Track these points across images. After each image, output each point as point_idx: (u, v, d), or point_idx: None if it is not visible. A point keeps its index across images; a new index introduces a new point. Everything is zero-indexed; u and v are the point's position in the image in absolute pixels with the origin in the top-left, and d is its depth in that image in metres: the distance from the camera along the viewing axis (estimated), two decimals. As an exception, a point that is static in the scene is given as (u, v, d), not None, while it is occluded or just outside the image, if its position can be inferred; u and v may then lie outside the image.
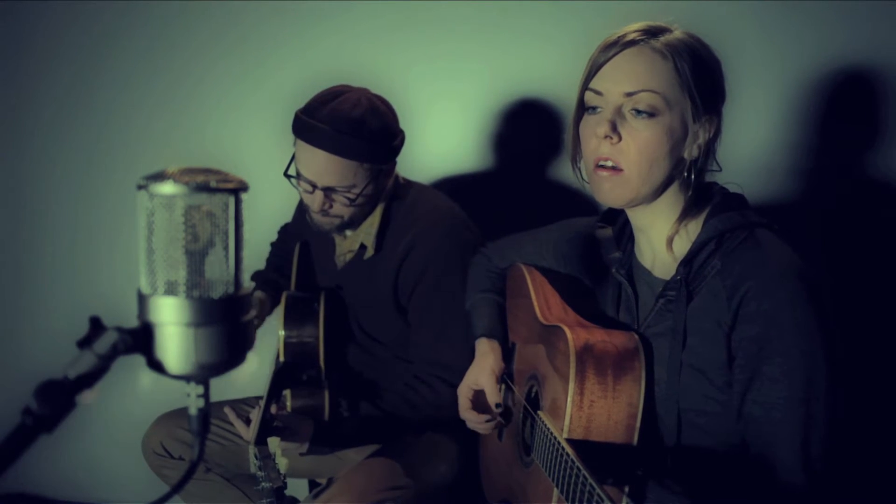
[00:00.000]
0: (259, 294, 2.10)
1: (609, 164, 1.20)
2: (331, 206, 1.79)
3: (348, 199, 1.76)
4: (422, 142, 2.14)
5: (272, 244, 2.26)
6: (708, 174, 1.26)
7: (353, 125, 1.70)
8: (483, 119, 2.26)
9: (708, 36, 1.24)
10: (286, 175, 1.81)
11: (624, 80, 1.19)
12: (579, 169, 1.29)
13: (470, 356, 1.62)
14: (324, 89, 1.78)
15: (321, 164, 1.73)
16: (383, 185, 1.83)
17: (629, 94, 1.18)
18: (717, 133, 1.23)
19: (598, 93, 1.22)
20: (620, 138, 1.19)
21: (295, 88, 1.82)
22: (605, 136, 1.19)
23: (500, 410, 1.52)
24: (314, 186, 1.77)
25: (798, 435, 1.12)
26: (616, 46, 1.20)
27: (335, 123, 1.70)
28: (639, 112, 1.18)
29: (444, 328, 1.79)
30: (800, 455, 1.12)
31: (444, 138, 2.28)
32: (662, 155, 1.19)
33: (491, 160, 2.29)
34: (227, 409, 1.89)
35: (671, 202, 1.25)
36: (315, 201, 1.78)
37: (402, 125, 1.84)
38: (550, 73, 2.16)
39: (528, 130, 2.25)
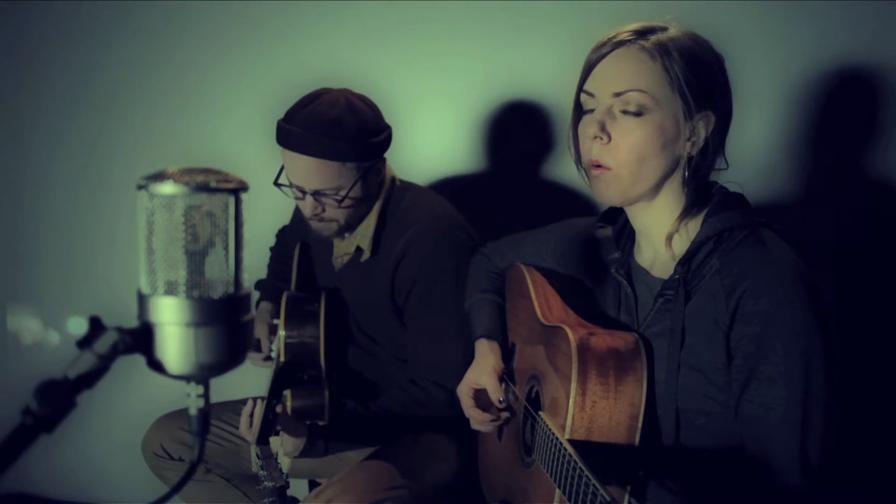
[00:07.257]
0: (266, 305, 2.10)
1: (601, 164, 1.22)
2: (323, 210, 1.79)
3: (337, 200, 1.76)
4: (413, 143, 2.14)
5: (271, 249, 2.25)
6: (714, 173, 1.26)
7: (329, 126, 1.70)
8: (476, 119, 2.25)
9: (707, 36, 1.24)
10: (276, 184, 1.81)
11: (612, 80, 1.20)
12: (583, 169, 1.29)
13: (464, 358, 1.62)
14: (304, 95, 1.78)
15: (304, 169, 1.74)
16: (373, 184, 1.82)
17: (617, 94, 1.19)
18: (720, 130, 1.22)
19: (590, 94, 1.23)
20: (610, 138, 1.20)
21: (294, 89, 1.81)
22: (595, 137, 1.20)
23: (503, 405, 1.52)
24: (303, 192, 1.78)
25: (795, 435, 1.12)
26: (606, 46, 1.21)
27: (311, 126, 1.70)
28: (627, 111, 1.19)
29: (438, 330, 1.79)
30: (797, 455, 1.13)
31: (436, 139, 2.27)
32: (653, 153, 1.19)
33: (484, 160, 2.29)
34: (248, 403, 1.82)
35: (671, 201, 1.25)
36: (307, 207, 1.79)
37: (395, 126, 1.83)
38: (544, 72, 2.15)
39: (521, 130, 2.24)
